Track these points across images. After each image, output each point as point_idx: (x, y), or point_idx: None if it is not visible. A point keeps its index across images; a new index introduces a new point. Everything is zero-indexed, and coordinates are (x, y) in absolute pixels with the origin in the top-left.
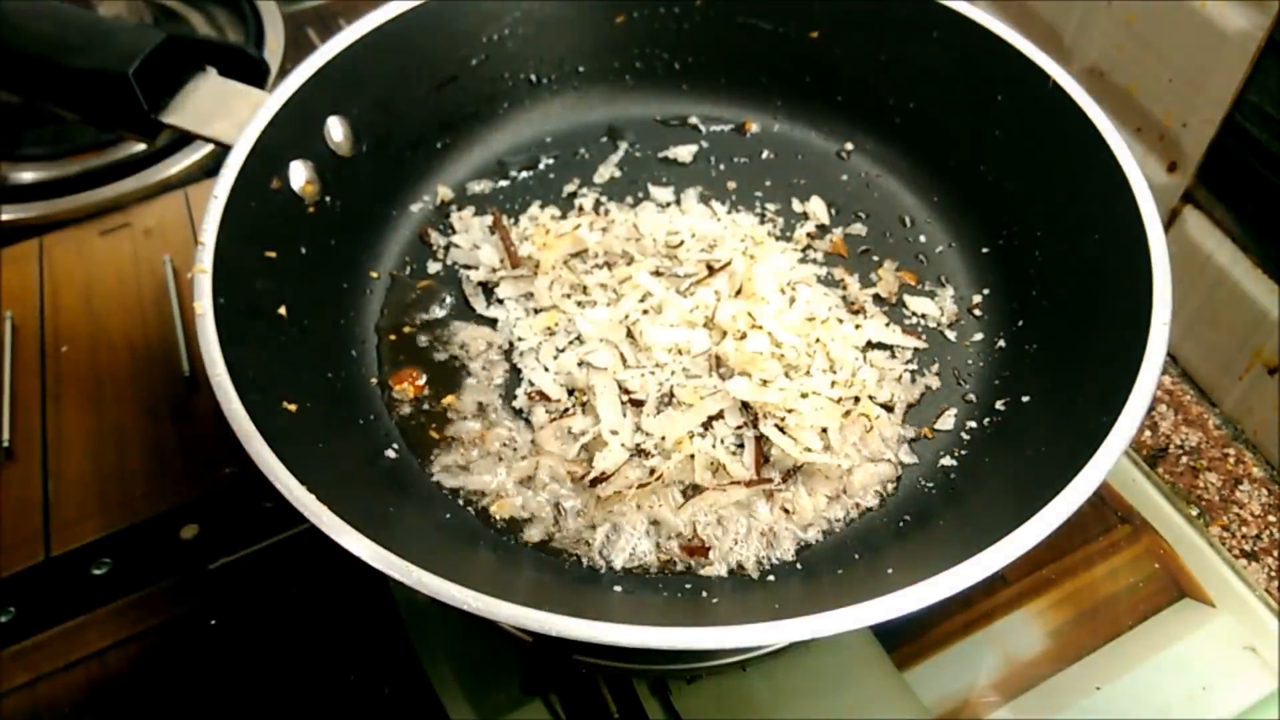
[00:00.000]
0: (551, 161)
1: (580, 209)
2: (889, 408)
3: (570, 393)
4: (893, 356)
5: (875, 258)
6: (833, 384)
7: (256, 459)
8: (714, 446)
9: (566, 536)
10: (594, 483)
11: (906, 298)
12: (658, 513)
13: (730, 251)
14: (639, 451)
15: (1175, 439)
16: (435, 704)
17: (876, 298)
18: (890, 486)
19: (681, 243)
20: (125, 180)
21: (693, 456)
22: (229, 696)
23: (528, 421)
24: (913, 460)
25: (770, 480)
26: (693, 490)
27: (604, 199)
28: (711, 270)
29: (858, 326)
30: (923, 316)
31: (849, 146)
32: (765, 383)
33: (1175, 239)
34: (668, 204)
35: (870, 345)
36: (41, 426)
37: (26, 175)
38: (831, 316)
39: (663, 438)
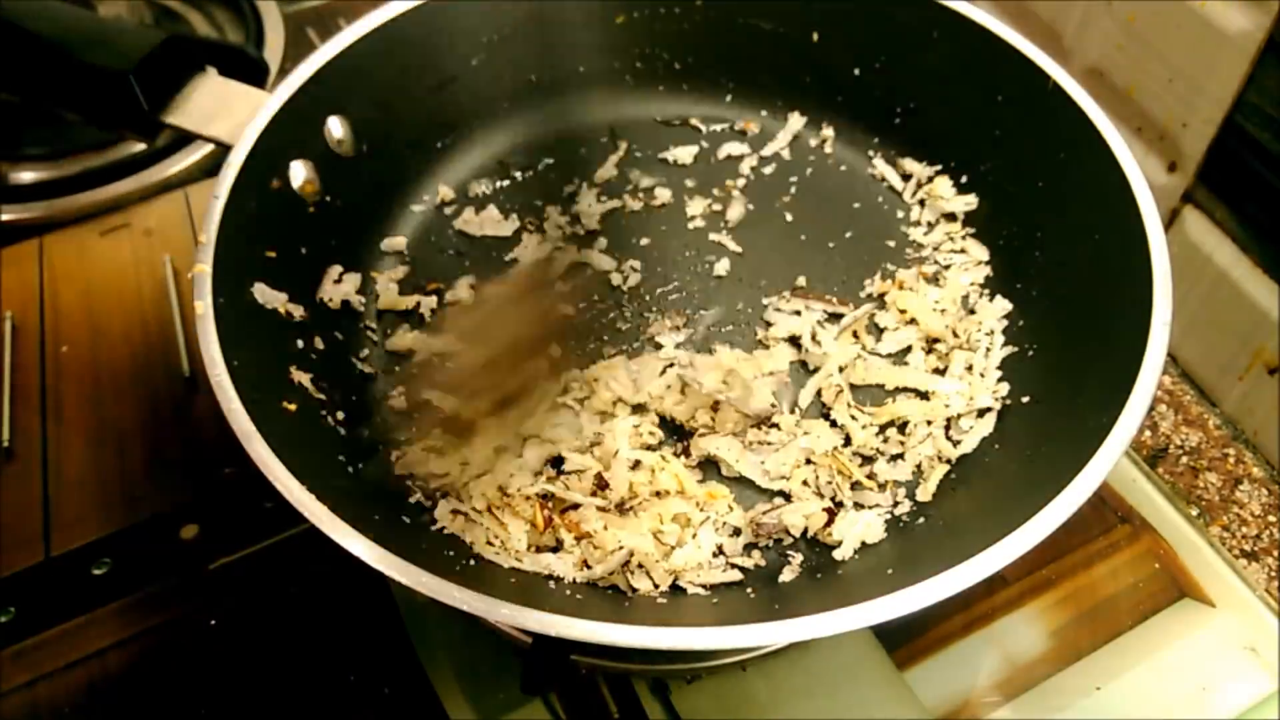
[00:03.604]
0: (551, 161)
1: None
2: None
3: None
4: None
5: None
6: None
7: (256, 459)
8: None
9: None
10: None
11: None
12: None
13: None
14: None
15: (1175, 439)
16: (435, 704)
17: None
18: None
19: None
20: (125, 180)
21: None
22: (229, 696)
23: None
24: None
25: None
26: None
27: (604, 198)
28: None
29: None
30: None
31: None
32: None
33: (1175, 239)
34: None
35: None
36: (41, 426)
37: (26, 175)
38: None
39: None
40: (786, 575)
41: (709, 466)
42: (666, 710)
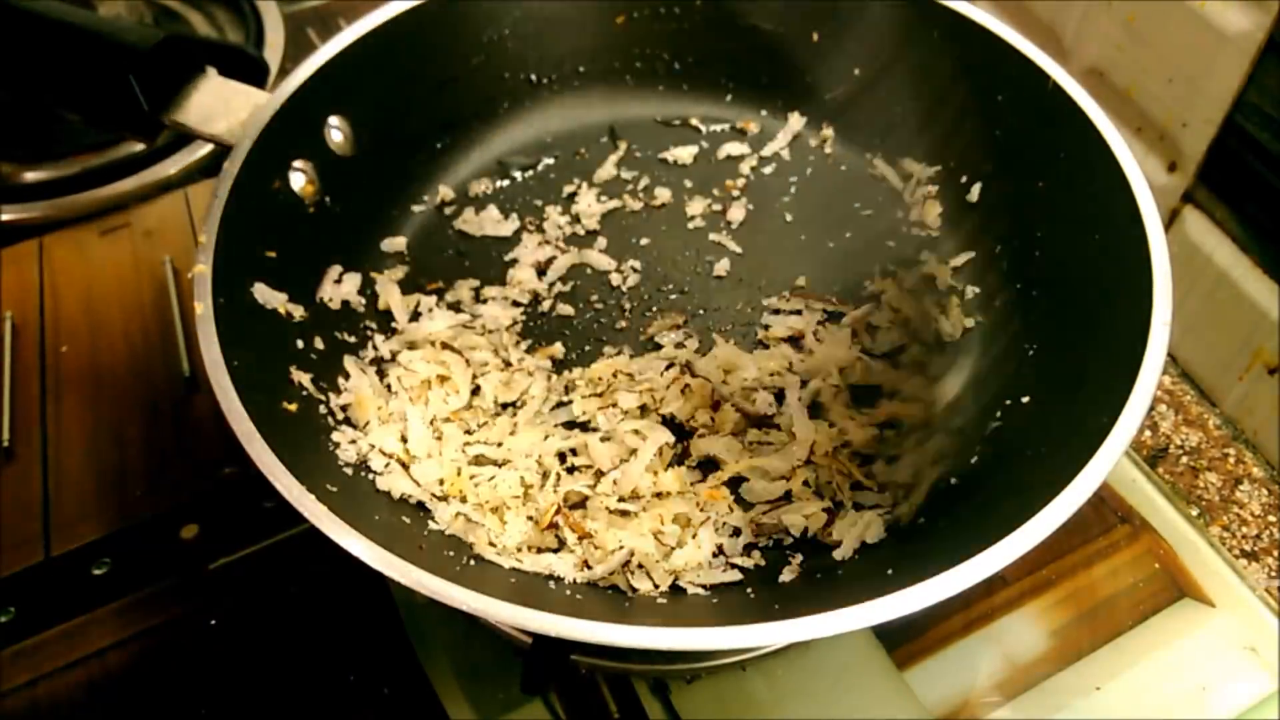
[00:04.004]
0: (551, 161)
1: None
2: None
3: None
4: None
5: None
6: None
7: (256, 459)
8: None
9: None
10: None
11: None
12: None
13: None
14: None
15: (1175, 439)
16: (435, 704)
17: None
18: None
19: None
20: (125, 180)
21: None
22: (229, 696)
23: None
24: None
25: None
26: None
27: (604, 198)
28: None
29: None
30: None
31: None
32: None
33: (1175, 239)
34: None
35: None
36: (41, 426)
37: (26, 175)
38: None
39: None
40: (786, 575)
41: (709, 466)
42: (666, 710)
